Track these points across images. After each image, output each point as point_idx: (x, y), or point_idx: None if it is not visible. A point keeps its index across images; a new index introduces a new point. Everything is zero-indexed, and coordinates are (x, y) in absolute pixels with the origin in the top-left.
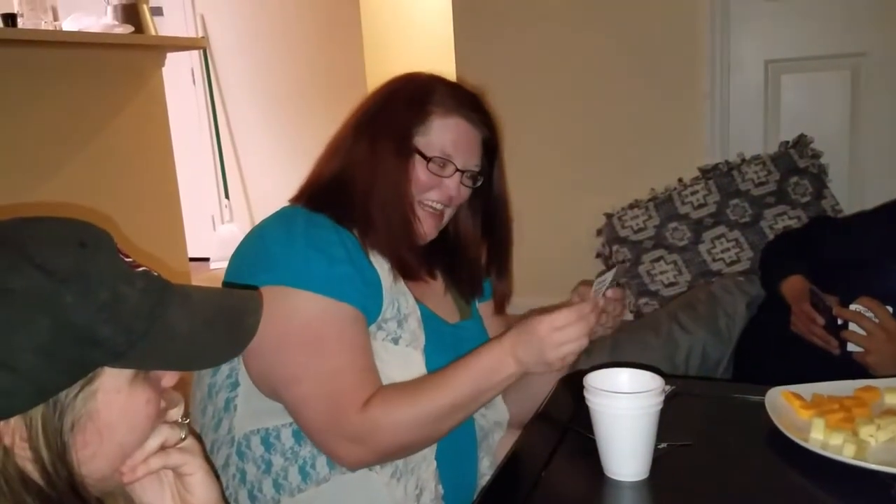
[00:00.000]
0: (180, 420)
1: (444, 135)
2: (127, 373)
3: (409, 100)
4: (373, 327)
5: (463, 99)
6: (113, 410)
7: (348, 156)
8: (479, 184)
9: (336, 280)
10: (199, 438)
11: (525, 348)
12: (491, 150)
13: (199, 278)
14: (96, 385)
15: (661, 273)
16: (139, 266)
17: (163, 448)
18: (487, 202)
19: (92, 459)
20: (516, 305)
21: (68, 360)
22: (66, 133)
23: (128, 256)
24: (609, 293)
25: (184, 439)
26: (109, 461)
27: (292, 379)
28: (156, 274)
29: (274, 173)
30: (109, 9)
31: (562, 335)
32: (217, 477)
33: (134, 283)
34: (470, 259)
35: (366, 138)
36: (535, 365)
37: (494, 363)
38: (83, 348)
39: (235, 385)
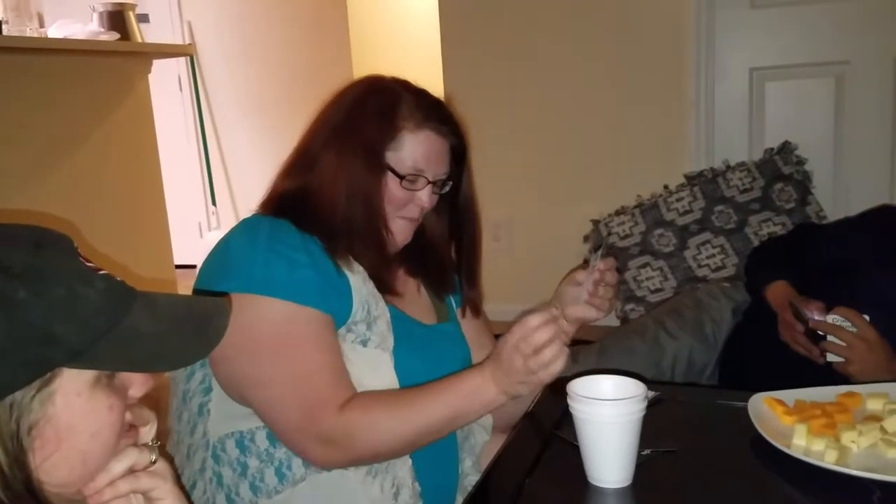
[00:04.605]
0: (151, 443)
1: (415, 150)
2: (88, 376)
3: (377, 113)
4: (342, 330)
5: (431, 110)
6: (73, 414)
7: (315, 170)
8: (447, 188)
9: (299, 285)
10: (171, 462)
11: (507, 381)
12: (459, 154)
13: (185, 285)
14: (55, 386)
15: (648, 279)
16: (100, 270)
17: (132, 471)
18: (455, 204)
19: (51, 465)
20: (504, 312)
21: (23, 358)
22: (52, 140)
23: (89, 261)
24: (600, 265)
25: (154, 462)
26: (70, 468)
27: (260, 383)
28: (119, 279)
29: (261, 180)
30: (95, 16)
31: (542, 357)
32: (189, 501)
33: (93, 284)
34: (439, 257)
35: (333, 153)
36: (522, 389)
37: (476, 387)
38: (38, 346)
39: (208, 390)
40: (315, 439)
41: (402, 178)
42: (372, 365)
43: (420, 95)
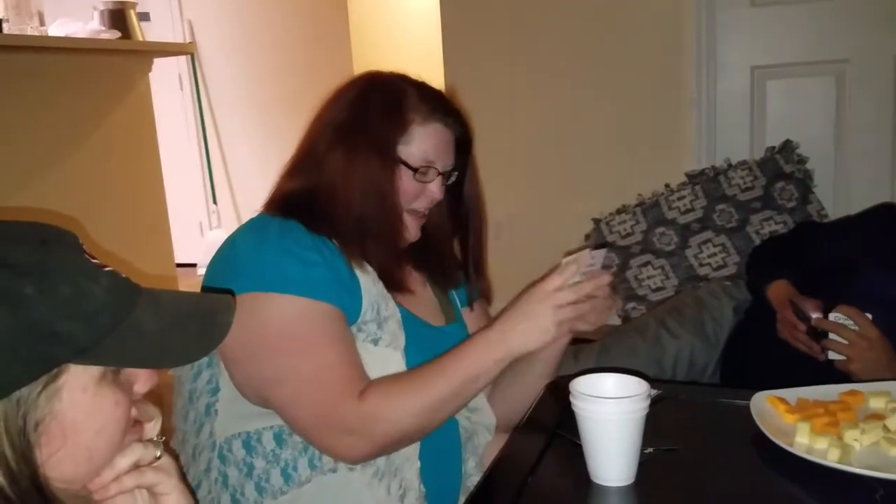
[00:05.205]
0: (155, 438)
1: (425, 142)
2: (94, 372)
3: (384, 108)
4: (352, 329)
5: (437, 102)
6: (79, 410)
7: (323, 171)
8: (453, 179)
9: (311, 281)
10: (175, 457)
11: (520, 321)
12: (461, 145)
13: (186, 284)
14: (61, 382)
15: (649, 278)
16: (105, 266)
17: (137, 467)
18: (459, 196)
19: (57, 460)
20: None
21: (29, 355)
22: (52, 139)
23: (94, 257)
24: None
25: (159, 458)
26: (76, 464)
27: (278, 380)
28: (123, 276)
29: (262, 178)
30: (96, 14)
31: (556, 298)
32: (194, 496)
33: (98, 281)
34: (441, 250)
35: (341, 153)
36: (530, 334)
37: (489, 343)
38: (44, 343)
39: (216, 390)
40: (338, 432)
41: (415, 170)
42: (383, 363)
43: (422, 88)
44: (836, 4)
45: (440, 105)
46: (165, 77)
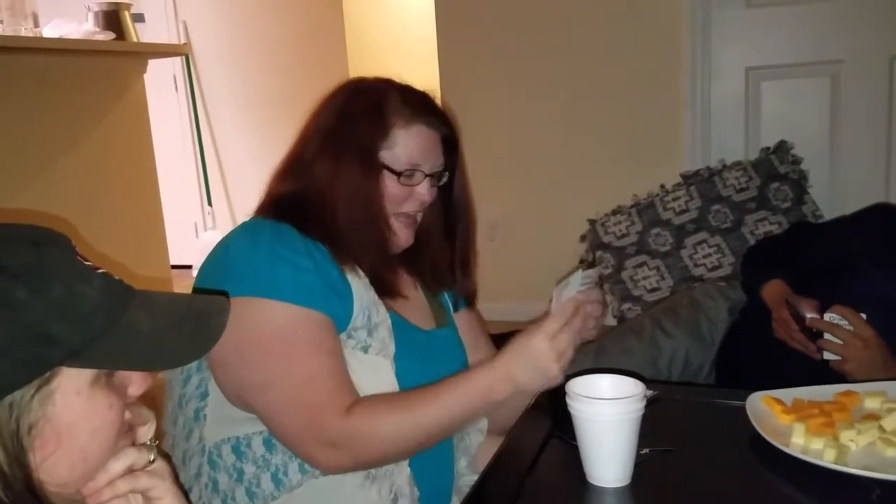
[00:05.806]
0: (149, 442)
1: (408, 145)
2: (88, 375)
3: (365, 114)
4: (342, 336)
5: (418, 104)
6: (72, 412)
7: (311, 177)
8: (444, 180)
9: (303, 288)
10: (169, 460)
11: (523, 367)
12: (450, 145)
13: (181, 286)
14: (54, 385)
15: (644, 278)
16: (98, 268)
17: (131, 471)
18: (449, 197)
19: (51, 464)
20: (500, 311)
21: (22, 358)
22: (46, 141)
23: (87, 260)
24: (582, 296)
25: (153, 461)
26: (71, 467)
27: (265, 386)
28: (117, 277)
29: (257, 180)
30: (90, 15)
31: (559, 343)
32: (188, 500)
33: (91, 283)
34: (433, 252)
35: (327, 158)
36: (534, 381)
37: (488, 385)
38: (37, 346)
39: (205, 395)
40: (320, 444)
41: (399, 174)
42: (372, 371)
43: (405, 91)
44: (830, 6)
45: (423, 106)
46: (160, 78)
